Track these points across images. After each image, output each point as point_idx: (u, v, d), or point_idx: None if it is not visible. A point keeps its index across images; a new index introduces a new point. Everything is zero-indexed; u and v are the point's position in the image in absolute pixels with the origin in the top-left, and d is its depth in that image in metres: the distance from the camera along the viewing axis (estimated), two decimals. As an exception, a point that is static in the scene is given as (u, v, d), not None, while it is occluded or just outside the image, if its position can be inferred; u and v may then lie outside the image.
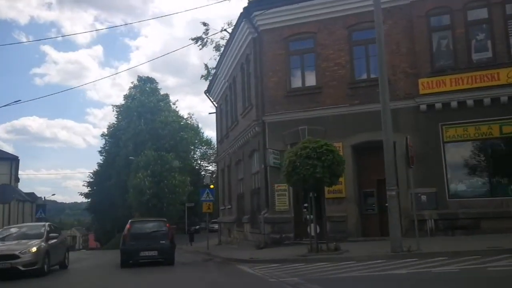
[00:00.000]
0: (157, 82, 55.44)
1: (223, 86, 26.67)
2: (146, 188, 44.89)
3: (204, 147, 59.39)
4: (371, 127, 15.54)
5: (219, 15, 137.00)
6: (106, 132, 56.71)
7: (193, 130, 55.42)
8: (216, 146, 63.11)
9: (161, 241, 14.71)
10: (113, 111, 56.15)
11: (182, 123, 54.03)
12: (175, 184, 46.18)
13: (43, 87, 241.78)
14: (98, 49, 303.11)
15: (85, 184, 57.42)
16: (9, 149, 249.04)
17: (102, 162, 57.20)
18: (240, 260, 14.16)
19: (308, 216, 17.48)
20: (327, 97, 17.54)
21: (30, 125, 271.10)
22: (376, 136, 14.56)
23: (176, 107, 56.68)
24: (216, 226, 58.13)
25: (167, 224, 16.14)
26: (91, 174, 57.91)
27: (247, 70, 21.03)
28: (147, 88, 52.97)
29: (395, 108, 16.44)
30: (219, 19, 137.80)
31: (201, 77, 35.16)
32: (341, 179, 14.62)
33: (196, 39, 35.09)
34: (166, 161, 46.71)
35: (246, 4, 19.87)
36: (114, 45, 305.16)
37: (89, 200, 58.02)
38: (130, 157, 47.80)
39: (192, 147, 55.76)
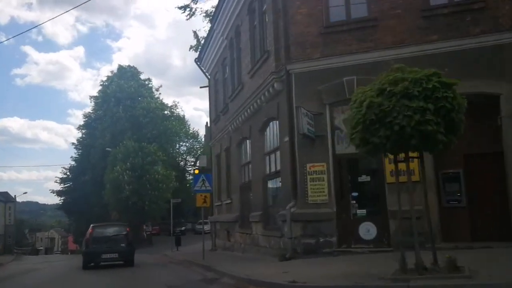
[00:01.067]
0: (139, 71, 48.85)
1: (220, 47, 20.57)
2: (125, 183, 38.50)
3: (191, 140, 53.09)
4: (460, 73, 9.54)
5: None
6: (82, 124, 50.02)
7: (179, 120, 48.89)
8: (204, 136, 57.42)
9: (121, 244, 15.69)
10: (90, 102, 49.52)
11: (166, 112, 47.53)
12: (158, 179, 39.88)
13: (24, 88, 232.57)
14: (80, 50, 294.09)
15: (57, 181, 50.62)
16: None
17: (77, 156, 50.52)
18: (270, 283, 8.12)
19: (356, 211, 11.84)
20: (386, 32, 11.62)
21: (10, 126, 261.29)
22: (467, 87, 8.91)
23: (160, 93, 50.09)
24: (205, 227, 52.46)
25: (127, 228, 17.24)
26: (64, 170, 51.18)
27: (259, 9, 15.00)
28: (127, 73, 46.40)
29: (497, 43, 10.74)
30: None
31: (190, 48, 28.93)
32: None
33: (184, 7, 28.99)
34: (147, 153, 40.37)
35: None
36: (96, 46, 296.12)
37: (62, 198, 51.16)
38: (107, 149, 41.32)
39: (177, 139, 49.33)
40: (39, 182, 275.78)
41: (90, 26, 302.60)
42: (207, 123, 35.70)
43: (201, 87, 26.08)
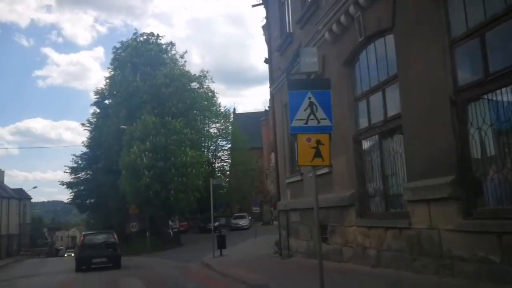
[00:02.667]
0: (159, 35, 39.62)
1: None
2: (144, 167, 30.01)
3: (222, 121, 44.07)
4: None
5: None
6: (93, 102, 41.68)
7: (207, 97, 39.01)
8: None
9: (109, 250, 17.15)
10: (105, 81, 40.90)
11: (193, 84, 38.44)
12: (186, 162, 31.20)
13: (45, 89, 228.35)
14: (99, 50, 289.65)
15: (67, 170, 42.59)
16: (14, 151, 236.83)
17: (89, 140, 42.40)
18: None
19: None
20: None
21: (34, 127, 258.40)
22: None
23: (185, 61, 41.10)
24: (242, 222, 44.87)
25: (115, 236, 18.78)
26: (74, 158, 43.03)
27: None
28: (144, 37, 37.72)
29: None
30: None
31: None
32: None
33: None
34: (172, 130, 31.78)
35: None
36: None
37: (73, 192, 43.03)
38: (122, 126, 32.88)
39: (207, 115, 40.34)
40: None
41: (108, 26, 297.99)
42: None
43: (253, 6, 16.96)
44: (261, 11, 16.26)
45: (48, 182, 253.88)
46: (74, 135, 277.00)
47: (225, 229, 41.12)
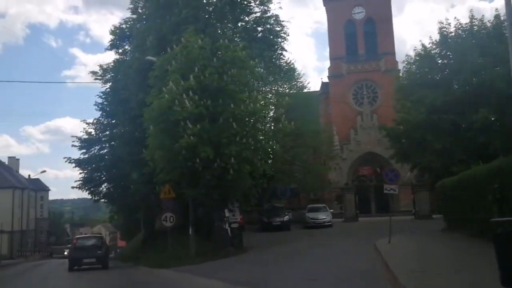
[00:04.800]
0: None
1: None
2: (186, 117, 17.00)
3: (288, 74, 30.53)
4: None
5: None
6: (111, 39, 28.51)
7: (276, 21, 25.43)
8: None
9: (98, 252, 19.08)
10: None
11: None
12: (255, 112, 18.09)
13: (74, 89, 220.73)
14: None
15: (76, 143, 29.86)
16: (45, 149, 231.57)
17: (102, 96, 29.75)
18: None
19: None
20: None
21: (63, 126, 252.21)
22: None
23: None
24: (323, 217, 27.51)
25: (104, 240, 21.98)
26: (86, 125, 30.37)
27: None
28: None
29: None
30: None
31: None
32: None
33: None
34: (230, 60, 18.64)
35: None
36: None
37: (83, 173, 30.25)
38: (148, 57, 19.99)
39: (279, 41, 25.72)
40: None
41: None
42: None
43: None
44: None
45: (77, 179, 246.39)
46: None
47: (297, 226, 27.94)
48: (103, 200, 31.42)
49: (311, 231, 25.20)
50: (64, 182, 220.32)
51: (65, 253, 40.98)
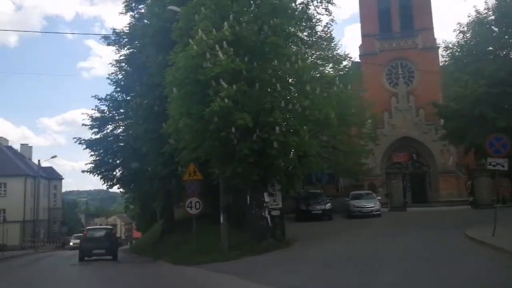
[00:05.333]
0: None
1: None
2: (217, 76, 13.31)
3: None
4: None
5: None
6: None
7: None
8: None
9: (107, 243, 19.47)
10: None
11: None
12: (303, 70, 14.33)
13: (89, 81, 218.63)
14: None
15: (87, 121, 26.39)
16: (61, 141, 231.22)
17: (117, 66, 26.21)
18: None
19: None
20: None
21: (78, 117, 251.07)
22: None
23: None
24: (370, 205, 21.75)
25: (113, 231, 23.48)
26: (97, 105, 26.85)
27: None
28: None
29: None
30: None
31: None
32: None
33: None
34: (271, 9, 14.84)
35: None
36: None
37: (94, 155, 26.73)
38: (171, 7, 16.28)
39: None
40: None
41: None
42: None
43: None
44: None
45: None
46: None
47: (340, 216, 24.14)
48: (117, 186, 27.88)
49: (359, 221, 21.42)
50: (80, 173, 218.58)
51: (71, 243, 37.97)
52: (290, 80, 14.87)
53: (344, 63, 26.72)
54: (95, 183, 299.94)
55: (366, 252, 12.50)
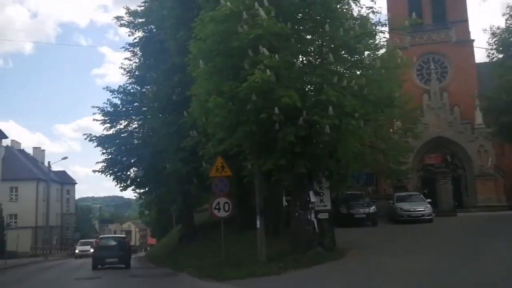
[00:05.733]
0: None
1: None
2: (253, 40, 10.47)
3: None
4: None
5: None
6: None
7: None
8: None
9: (120, 252, 18.86)
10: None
11: None
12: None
13: (104, 87, 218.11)
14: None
15: (98, 117, 23.75)
16: (76, 147, 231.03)
17: (130, 47, 23.52)
18: None
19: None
20: None
21: (93, 124, 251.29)
22: None
23: None
24: (420, 209, 16.85)
25: (126, 240, 22.34)
26: (109, 98, 24.20)
27: None
28: None
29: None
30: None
31: None
32: None
33: None
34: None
35: None
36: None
37: (105, 153, 24.02)
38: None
39: None
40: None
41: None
42: None
43: None
44: None
45: (108, 177, 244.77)
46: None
47: (380, 220, 20.95)
48: (131, 188, 25.04)
49: (410, 227, 18.26)
50: (94, 180, 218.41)
51: (77, 250, 36.43)
52: (343, 51, 11.87)
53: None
54: (109, 189, 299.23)
55: (452, 270, 9.42)
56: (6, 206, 45.47)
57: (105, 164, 23.64)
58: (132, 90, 24.10)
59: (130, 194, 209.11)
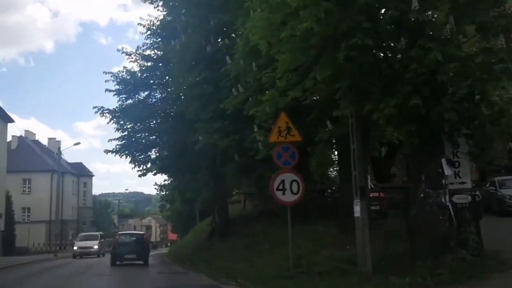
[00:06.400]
0: None
1: None
2: None
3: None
4: None
5: None
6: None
7: None
8: None
9: (139, 248, 18.92)
10: None
11: None
12: None
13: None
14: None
15: (111, 85, 19.20)
16: (97, 144, 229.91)
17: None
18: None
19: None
20: None
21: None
22: None
23: None
24: None
25: (144, 236, 22.39)
26: (123, 74, 19.58)
27: None
28: None
29: None
30: None
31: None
32: None
33: None
34: None
35: None
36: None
37: (121, 136, 19.44)
38: None
39: None
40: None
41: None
42: None
43: None
44: None
45: (128, 173, 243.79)
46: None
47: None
48: (152, 173, 20.37)
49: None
50: (114, 176, 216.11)
51: (75, 247, 28.07)
52: None
53: None
54: (130, 185, 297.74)
55: None
56: (18, 199, 41.74)
57: (120, 143, 19.08)
58: (152, 54, 19.51)
59: (150, 189, 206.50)
